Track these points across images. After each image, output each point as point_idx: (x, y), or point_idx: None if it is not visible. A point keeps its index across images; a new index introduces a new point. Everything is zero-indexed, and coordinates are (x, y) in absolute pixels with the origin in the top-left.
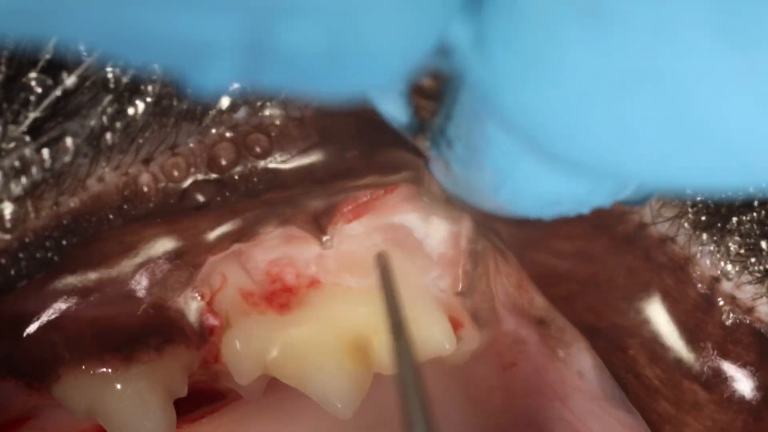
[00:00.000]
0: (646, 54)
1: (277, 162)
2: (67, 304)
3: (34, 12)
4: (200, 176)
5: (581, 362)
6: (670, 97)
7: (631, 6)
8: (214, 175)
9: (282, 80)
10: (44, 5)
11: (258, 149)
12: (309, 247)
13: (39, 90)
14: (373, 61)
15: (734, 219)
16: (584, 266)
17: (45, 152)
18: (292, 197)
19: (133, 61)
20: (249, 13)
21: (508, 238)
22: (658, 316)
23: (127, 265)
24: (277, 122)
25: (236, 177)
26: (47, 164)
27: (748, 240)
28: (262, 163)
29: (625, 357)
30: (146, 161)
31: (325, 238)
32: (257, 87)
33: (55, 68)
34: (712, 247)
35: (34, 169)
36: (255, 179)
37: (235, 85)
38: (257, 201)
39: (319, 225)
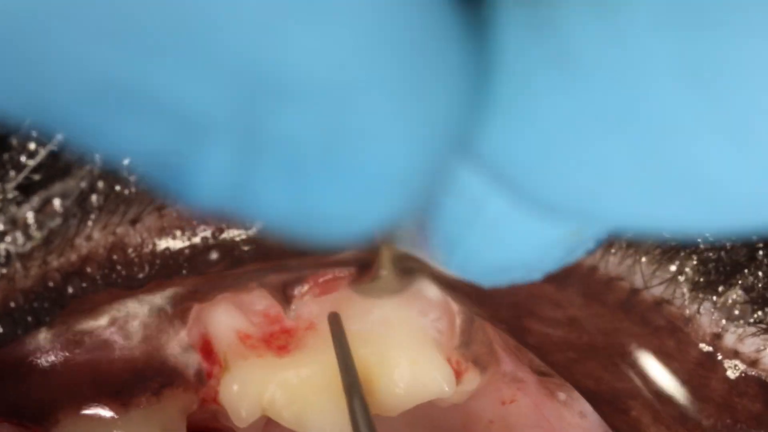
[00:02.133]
0: (616, 96)
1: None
2: (65, 350)
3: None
4: (185, 240)
5: (583, 406)
6: (641, 142)
7: (597, 50)
8: (197, 240)
9: (276, 186)
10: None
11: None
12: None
13: (28, 151)
14: (373, 165)
15: (733, 274)
16: (579, 334)
17: (34, 214)
18: (272, 266)
19: (123, 135)
20: (240, 83)
21: (500, 312)
22: (659, 376)
23: (120, 311)
24: None
25: (224, 242)
26: (36, 226)
27: (749, 294)
28: (247, 231)
29: (627, 418)
30: (134, 222)
31: (291, 308)
32: (249, 203)
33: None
34: (712, 305)
35: (23, 231)
36: (241, 245)
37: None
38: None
39: (286, 296)
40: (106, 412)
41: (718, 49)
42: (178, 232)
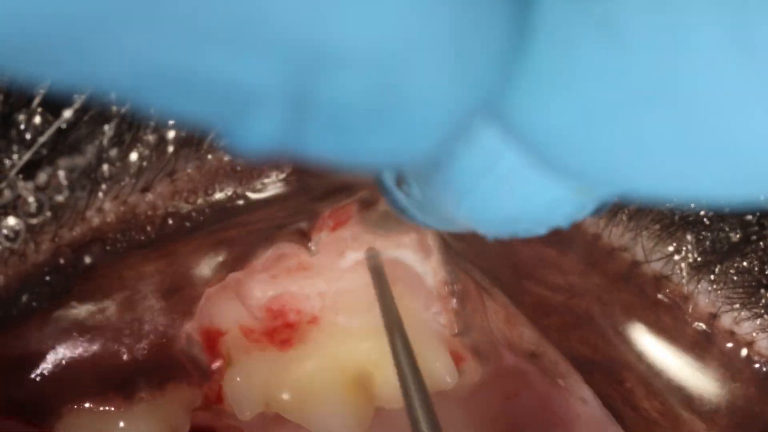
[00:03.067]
0: (659, 66)
1: (266, 187)
2: (68, 343)
3: (64, 53)
4: (198, 201)
5: (581, 390)
6: (684, 111)
7: (643, 18)
8: (211, 199)
9: (323, 139)
10: (76, 46)
11: (253, 173)
12: (307, 282)
13: (37, 124)
14: (416, 120)
15: (731, 255)
16: (578, 301)
17: (43, 187)
18: (277, 221)
19: (176, 110)
20: (294, 57)
21: (498, 272)
22: (655, 350)
23: (126, 301)
24: None
25: (232, 201)
26: (45, 199)
27: (746, 276)
28: (255, 186)
29: (622, 389)
30: (144, 190)
31: (310, 244)
32: (298, 148)
33: (53, 102)
34: (709, 285)
35: (32, 205)
36: (249, 204)
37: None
38: (248, 227)
39: (303, 234)
40: (109, 407)
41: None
42: (190, 196)
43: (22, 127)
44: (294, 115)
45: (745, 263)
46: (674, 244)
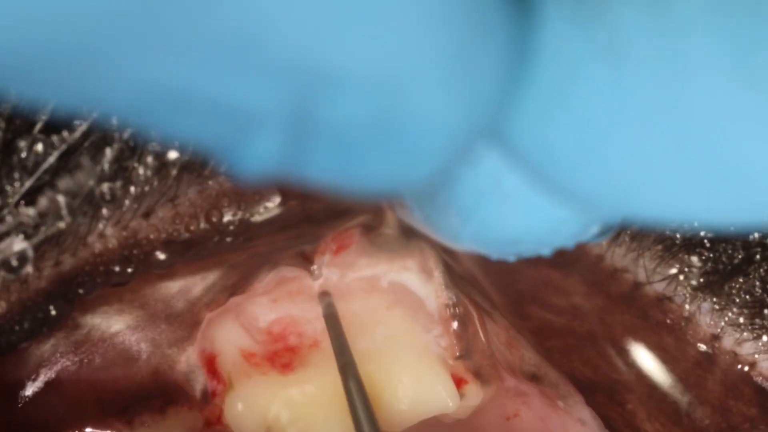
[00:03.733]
0: (662, 87)
1: (268, 211)
2: (68, 368)
3: (64, 74)
4: (201, 226)
5: (581, 412)
6: (685, 135)
7: (647, 43)
8: (212, 225)
9: (323, 162)
10: (82, 64)
11: (255, 197)
12: (309, 306)
13: (38, 150)
14: (417, 144)
15: (734, 277)
16: (580, 322)
17: (44, 213)
18: (279, 245)
19: (176, 131)
20: (294, 78)
21: (500, 293)
22: (657, 372)
23: (127, 324)
24: None
25: (234, 226)
26: (46, 226)
27: (748, 296)
28: (257, 210)
29: (623, 411)
30: (146, 214)
31: (313, 267)
32: (297, 172)
33: (54, 128)
34: (711, 306)
35: (34, 231)
36: (251, 227)
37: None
38: (250, 250)
39: (306, 258)
40: (110, 431)
41: None
42: (192, 220)
43: (24, 154)
44: (294, 138)
45: (747, 284)
46: (677, 265)
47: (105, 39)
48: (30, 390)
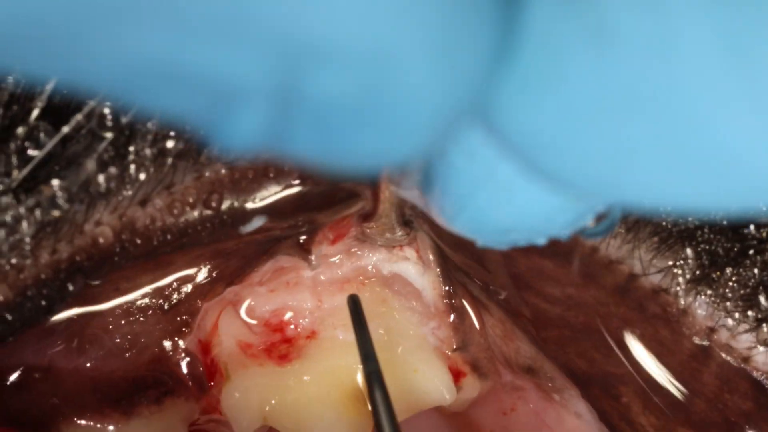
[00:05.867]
0: (649, 71)
1: (265, 197)
2: (66, 357)
3: (53, 47)
4: (196, 214)
5: (577, 405)
6: (672, 119)
7: (635, 26)
8: (209, 212)
9: (308, 136)
10: (74, 32)
11: (251, 185)
12: (306, 297)
13: (36, 138)
14: (401, 120)
15: (729, 269)
16: (576, 314)
17: (41, 202)
18: (275, 234)
19: (164, 105)
20: (280, 52)
21: (497, 283)
22: (652, 365)
23: (123, 313)
24: (266, 160)
25: (230, 212)
26: (43, 214)
27: (744, 290)
28: (253, 197)
29: (618, 405)
30: (143, 202)
31: (310, 257)
32: (283, 146)
33: (51, 116)
34: (708, 299)
35: (29, 221)
36: (247, 214)
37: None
38: (247, 239)
39: (303, 248)
40: (107, 423)
41: (760, 25)
42: (188, 208)
43: (21, 141)
44: (279, 113)
45: (743, 277)
46: (672, 258)
47: (94, 11)
48: (26, 379)
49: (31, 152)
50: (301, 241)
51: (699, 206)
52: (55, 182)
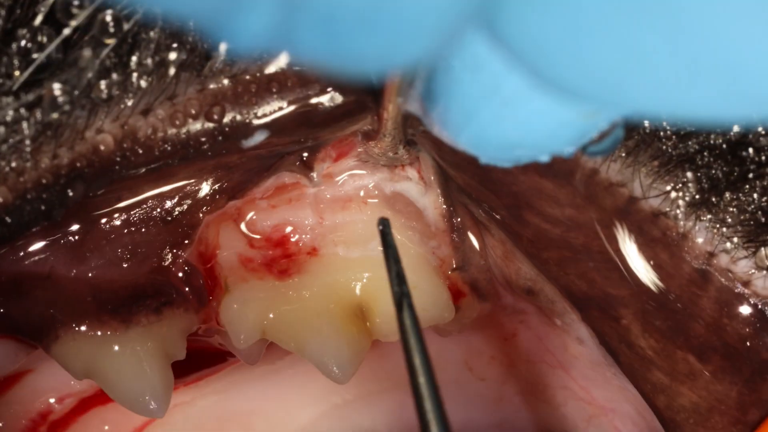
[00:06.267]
0: None
1: (267, 112)
2: (66, 265)
3: None
4: (198, 126)
5: (579, 330)
6: (678, 26)
7: None
8: (211, 124)
9: (313, 38)
10: None
11: (253, 99)
12: (308, 213)
13: (39, 42)
14: (406, 23)
15: (729, 193)
16: (575, 234)
17: (42, 104)
18: (278, 149)
19: (173, 6)
20: None
21: (498, 202)
22: (652, 288)
23: (124, 224)
24: (272, 72)
25: (233, 126)
26: (43, 117)
27: (744, 215)
28: (255, 112)
29: (618, 327)
30: (145, 112)
31: (312, 174)
32: (289, 48)
33: (53, 20)
34: (707, 223)
35: (30, 122)
36: (250, 128)
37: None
38: (249, 154)
39: (306, 165)
40: (105, 330)
41: None
42: (190, 119)
43: (24, 43)
44: (286, 13)
45: (743, 201)
46: (672, 182)
47: None
48: (28, 285)
49: (34, 56)
50: (304, 157)
51: (706, 115)
52: (56, 85)
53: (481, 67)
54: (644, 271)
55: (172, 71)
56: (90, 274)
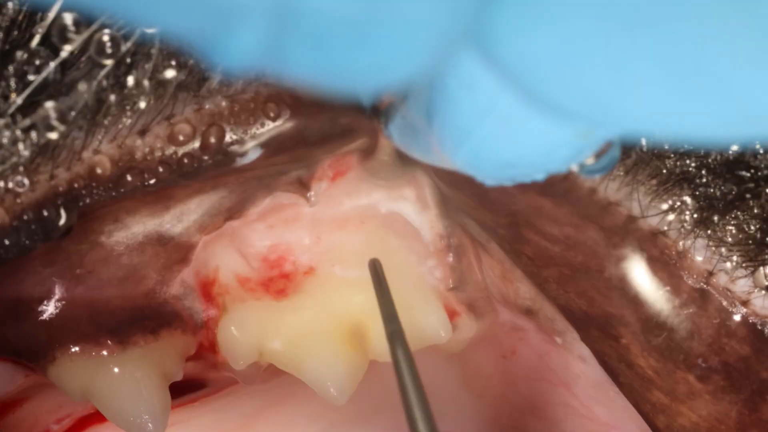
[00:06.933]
0: None
1: (264, 131)
2: (64, 287)
3: None
4: (196, 146)
5: (580, 349)
6: (671, 44)
7: None
8: (208, 144)
9: (304, 55)
10: None
11: (251, 119)
12: (304, 233)
13: (35, 64)
14: (396, 40)
15: (727, 212)
16: (574, 253)
17: (38, 127)
18: (275, 168)
19: (162, 23)
20: None
21: (496, 221)
22: (651, 307)
23: (122, 245)
24: (269, 91)
25: (230, 145)
26: (39, 139)
27: (742, 234)
28: (252, 131)
29: (617, 346)
30: (142, 132)
31: (309, 194)
32: (280, 66)
33: (51, 42)
34: (706, 242)
35: (26, 144)
36: (246, 147)
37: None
38: (246, 174)
39: (303, 184)
40: (102, 351)
41: None
42: (188, 139)
43: (21, 65)
44: (275, 31)
45: (742, 220)
46: (671, 200)
47: None
48: (25, 307)
49: (30, 78)
50: (301, 177)
51: (700, 133)
52: (50, 104)
53: (477, 85)
54: (644, 291)
55: (169, 91)
56: (87, 294)
